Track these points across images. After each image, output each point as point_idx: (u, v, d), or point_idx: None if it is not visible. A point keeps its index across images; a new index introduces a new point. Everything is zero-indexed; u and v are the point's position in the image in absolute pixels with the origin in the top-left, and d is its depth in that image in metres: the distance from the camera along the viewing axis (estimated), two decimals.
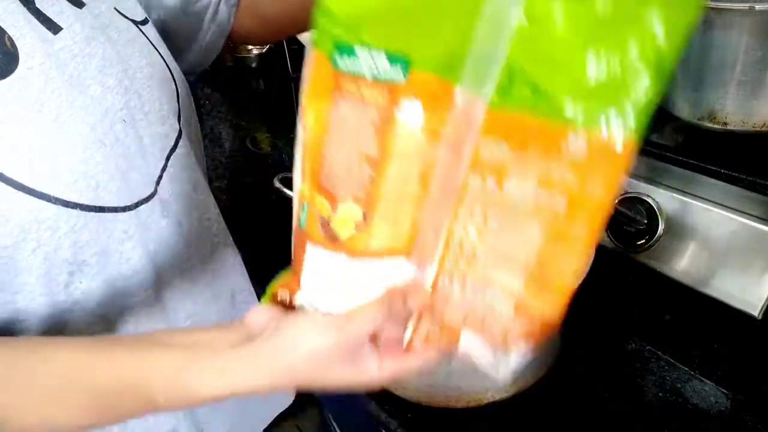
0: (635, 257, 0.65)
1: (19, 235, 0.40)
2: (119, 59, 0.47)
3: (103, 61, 0.45)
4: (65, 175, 0.41)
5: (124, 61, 0.47)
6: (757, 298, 0.57)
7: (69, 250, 0.43)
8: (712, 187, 0.62)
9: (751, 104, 0.62)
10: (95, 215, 0.44)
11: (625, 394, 0.57)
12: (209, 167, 1.12)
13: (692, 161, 0.66)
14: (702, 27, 0.62)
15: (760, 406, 0.55)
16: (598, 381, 0.58)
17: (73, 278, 0.44)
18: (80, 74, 0.43)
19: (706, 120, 0.65)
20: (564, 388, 0.58)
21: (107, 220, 0.45)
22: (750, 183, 0.61)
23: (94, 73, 0.44)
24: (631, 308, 0.67)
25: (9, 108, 0.38)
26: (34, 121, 0.39)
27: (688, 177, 0.65)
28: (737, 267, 0.58)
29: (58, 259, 0.43)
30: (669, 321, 0.65)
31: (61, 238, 0.42)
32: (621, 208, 0.64)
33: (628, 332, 0.64)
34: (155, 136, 0.50)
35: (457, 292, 0.38)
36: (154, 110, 0.50)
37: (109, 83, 0.45)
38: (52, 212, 0.41)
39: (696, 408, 0.55)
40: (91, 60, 0.44)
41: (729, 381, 0.58)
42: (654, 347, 0.62)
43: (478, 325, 0.39)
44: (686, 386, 0.57)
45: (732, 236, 0.57)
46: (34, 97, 0.39)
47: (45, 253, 0.42)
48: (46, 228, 0.41)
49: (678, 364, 0.60)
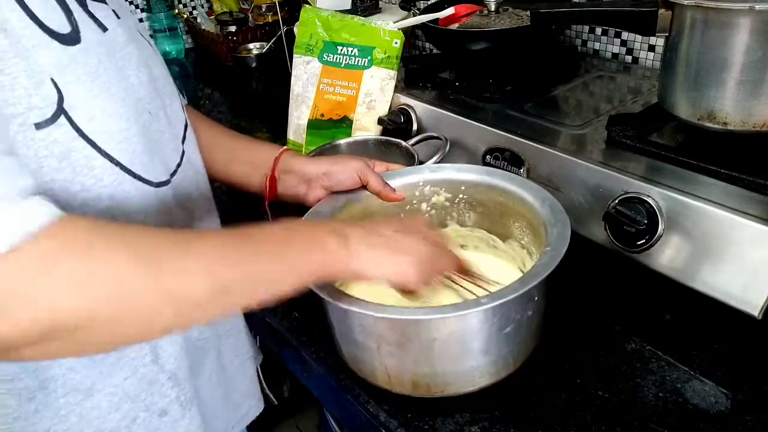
0: (635, 257, 0.65)
1: (69, 174, 0.44)
2: (147, 64, 0.54)
3: (138, 61, 0.52)
4: (113, 135, 0.47)
5: (149, 66, 0.54)
6: (757, 298, 0.57)
7: (105, 202, 0.47)
8: (712, 187, 0.62)
9: (751, 104, 0.62)
10: (130, 179, 0.49)
11: (625, 394, 0.57)
12: None
13: (692, 161, 0.66)
14: (702, 27, 0.63)
15: (760, 406, 0.55)
16: (598, 381, 0.58)
17: None
18: (124, 65, 0.50)
19: (706, 120, 0.65)
20: (564, 388, 0.58)
21: (137, 186, 0.50)
22: (750, 183, 0.61)
23: (133, 67, 0.51)
24: (631, 308, 0.67)
25: (77, 70, 0.44)
26: (93, 84, 0.45)
27: (688, 177, 0.65)
28: (737, 267, 0.58)
29: (94, 209, 0.46)
30: (669, 321, 0.65)
31: (102, 189, 0.46)
32: (621, 208, 0.64)
33: (628, 332, 0.64)
34: (172, 135, 0.56)
35: None
36: (170, 114, 0.57)
37: (143, 79, 0.52)
38: (100, 163, 0.46)
39: (696, 408, 0.55)
40: (131, 57, 0.51)
41: (729, 381, 0.58)
42: (654, 347, 0.62)
43: None
44: (686, 386, 0.57)
45: (732, 236, 0.57)
46: (93, 67, 0.45)
47: (84, 198, 0.45)
48: (93, 176, 0.46)
49: (678, 364, 0.60)
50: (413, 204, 0.72)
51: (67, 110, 0.43)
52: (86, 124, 0.44)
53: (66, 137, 0.43)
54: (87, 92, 0.44)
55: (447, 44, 1.03)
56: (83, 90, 0.44)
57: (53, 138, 0.42)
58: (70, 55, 0.43)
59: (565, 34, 1.13)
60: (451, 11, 1.02)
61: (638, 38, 1.02)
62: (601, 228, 0.67)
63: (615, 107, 0.85)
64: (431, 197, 0.72)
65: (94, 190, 0.46)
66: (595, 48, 1.09)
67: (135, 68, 0.51)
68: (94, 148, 0.45)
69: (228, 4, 1.75)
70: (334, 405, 0.67)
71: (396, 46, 0.96)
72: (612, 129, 0.73)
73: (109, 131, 0.46)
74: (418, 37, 1.42)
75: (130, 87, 0.50)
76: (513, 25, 0.96)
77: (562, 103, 0.88)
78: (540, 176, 0.74)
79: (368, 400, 0.59)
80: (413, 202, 0.72)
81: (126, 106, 0.48)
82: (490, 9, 1.00)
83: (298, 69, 1.02)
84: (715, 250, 0.59)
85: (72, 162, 0.44)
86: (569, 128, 0.78)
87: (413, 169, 0.73)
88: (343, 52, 0.99)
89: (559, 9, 0.76)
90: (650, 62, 1.01)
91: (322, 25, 0.99)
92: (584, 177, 0.69)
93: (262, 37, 1.62)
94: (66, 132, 0.43)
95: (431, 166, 0.74)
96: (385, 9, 1.32)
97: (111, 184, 0.47)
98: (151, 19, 1.68)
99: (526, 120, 0.82)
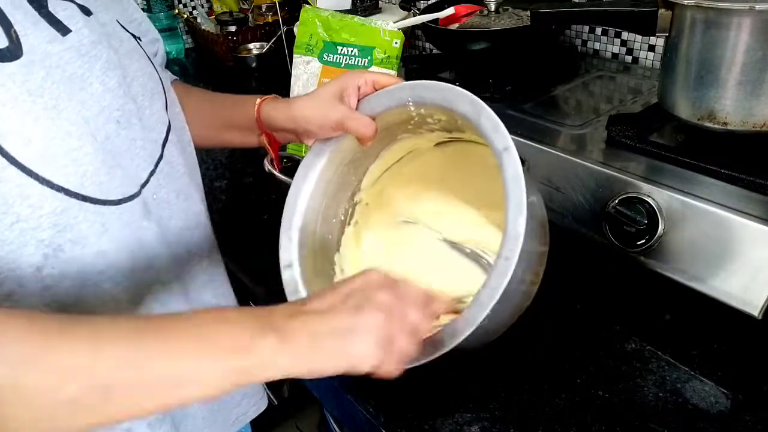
0: (635, 257, 0.65)
1: (1, 206, 0.41)
2: (120, 65, 0.50)
3: (106, 64, 0.48)
4: (56, 158, 0.43)
5: (124, 67, 0.50)
6: (757, 298, 0.57)
7: (47, 231, 0.44)
8: (712, 187, 0.62)
9: (751, 104, 0.62)
10: (77, 202, 0.45)
11: (625, 394, 0.57)
12: (209, 167, 1.13)
13: (692, 161, 0.66)
14: (702, 27, 0.63)
15: (760, 406, 0.55)
16: (598, 381, 0.58)
17: (47, 261, 0.45)
18: (84, 73, 0.46)
19: (706, 120, 0.65)
20: (564, 388, 0.58)
21: (88, 210, 0.46)
22: (750, 183, 0.61)
23: (98, 73, 0.47)
24: (631, 308, 0.67)
25: (13, 89, 0.41)
26: (34, 104, 0.42)
27: (688, 177, 0.65)
28: (737, 267, 0.58)
29: (34, 239, 0.44)
30: (669, 321, 0.65)
31: (42, 218, 0.43)
32: (621, 208, 0.64)
33: (628, 332, 0.64)
34: (146, 141, 0.53)
35: None
36: (146, 117, 0.53)
37: (110, 84, 0.48)
38: (38, 191, 0.42)
39: (696, 408, 0.55)
40: (96, 62, 0.47)
41: (729, 381, 0.58)
42: (654, 347, 0.62)
43: None
44: (686, 386, 0.57)
45: (732, 236, 0.57)
46: (37, 84, 0.42)
47: (22, 228, 0.43)
48: (29, 205, 0.42)
49: (678, 364, 0.60)
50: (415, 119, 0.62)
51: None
52: (20, 150, 0.41)
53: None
54: (26, 114, 0.41)
55: (447, 44, 1.03)
56: (21, 112, 0.41)
57: None
58: (6, 73, 0.40)
59: (565, 34, 1.13)
60: (451, 11, 1.02)
61: (638, 38, 1.02)
62: (601, 228, 0.67)
63: (615, 107, 0.85)
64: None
65: (32, 219, 0.43)
66: (595, 48, 1.09)
67: (101, 73, 0.47)
68: (30, 176, 0.42)
69: (228, 4, 1.75)
70: (334, 405, 0.67)
71: (396, 46, 0.96)
72: (612, 129, 0.73)
73: (51, 155, 0.43)
74: (418, 37, 1.42)
75: (91, 97, 0.46)
76: (513, 25, 0.96)
77: (562, 103, 0.88)
78: (540, 176, 0.74)
79: (368, 400, 0.59)
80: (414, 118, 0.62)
81: (78, 122, 0.44)
82: (490, 9, 1.00)
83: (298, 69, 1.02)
84: (715, 250, 0.59)
85: (3, 192, 0.41)
86: (569, 128, 0.78)
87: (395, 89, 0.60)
88: (343, 52, 0.98)
89: (559, 9, 0.76)
90: (650, 62, 1.01)
91: (322, 25, 0.99)
92: (584, 177, 0.69)
93: (262, 37, 1.62)
94: None
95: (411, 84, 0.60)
96: (385, 9, 1.33)
97: (53, 212, 0.44)
98: (152, 19, 1.67)
99: (526, 120, 0.82)
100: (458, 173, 0.69)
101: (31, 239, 0.43)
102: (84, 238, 0.46)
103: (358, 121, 0.59)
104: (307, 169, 0.64)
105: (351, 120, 0.59)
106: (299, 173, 0.64)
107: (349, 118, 0.59)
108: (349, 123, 0.59)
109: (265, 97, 0.65)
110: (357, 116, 0.59)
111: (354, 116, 0.59)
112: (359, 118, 0.59)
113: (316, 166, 0.64)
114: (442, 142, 0.67)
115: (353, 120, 0.59)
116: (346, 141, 0.63)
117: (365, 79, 0.60)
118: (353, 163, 0.67)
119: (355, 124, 0.59)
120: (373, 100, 0.60)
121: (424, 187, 0.71)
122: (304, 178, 0.64)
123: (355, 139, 0.61)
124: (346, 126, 0.59)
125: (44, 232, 0.44)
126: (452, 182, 0.70)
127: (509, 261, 0.46)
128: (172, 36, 1.71)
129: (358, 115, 0.59)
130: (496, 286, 0.47)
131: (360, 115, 0.59)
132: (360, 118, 0.59)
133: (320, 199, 0.65)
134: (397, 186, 0.71)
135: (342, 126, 0.59)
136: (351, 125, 0.59)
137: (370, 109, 0.60)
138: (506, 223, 0.47)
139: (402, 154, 0.70)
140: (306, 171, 0.64)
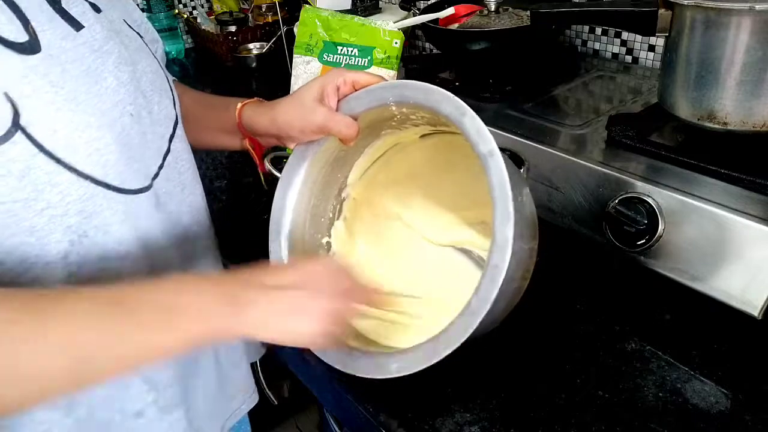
0: (635, 257, 0.65)
1: (31, 192, 0.43)
2: (131, 61, 0.51)
3: (119, 59, 0.50)
4: (80, 148, 0.45)
5: (134, 63, 0.52)
6: (757, 298, 0.57)
7: (74, 217, 0.46)
8: (712, 187, 0.62)
9: (751, 104, 0.62)
10: (102, 190, 0.47)
11: (625, 394, 0.57)
12: (209, 167, 1.13)
13: (692, 161, 0.66)
14: (702, 27, 0.63)
15: (760, 406, 0.55)
16: (598, 381, 0.58)
17: (73, 248, 0.47)
18: (98, 67, 0.47)
19: (706, 120, 0.65)
20: (564, 388, 0.58)
21: (111, 197, 0.48)
22: (750, 183, 0.61)
23: (111, 68, 0.49)
24: (631, 308, 0.67)
25: (36, 81, 0.42)
26: (56, 95, 0.43)
27: (687, 177, 0.65)
28: (737, 267, 0.58)
29: (62, 225, 0.45)
30: (669, 321, 0.65)
31: (69, 204, 0.45)
32: (621, 208, 0.64)
33: (628, 332, 0.64)
34: (155, 135, 0.54)
35: None
36: (155, 112, 0.54)
37: (123, 79, 0.50)
38: (66, 178, 0.44)
39: (696, 408, 0.55)
40: (109, 57, 0.49)
41: (729, 381, 0.58)
42: (654, 347, 0.62)
43: None
44: (686, 386, 0.57)
45: (732, 236, 0.57)
46: (56, 76, 0.43)
47: (51, 215, 0.44)
48: (58, 192, 0.44)
49: (678, 364, 0.60)
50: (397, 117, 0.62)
51: (25, 126, 0.41)
52: (48, 138, 0.42)
53: (24, 154, 0.41)
54: (49, 105, 0.42)
55: (447, 44, 1.03)
56: (44, 102, 0.42)
57: (9, 156, 0.41)
58: (28, 65, 0.41)
59: (565, 34, 1.13)
60: (451, 11, 1.02)
61: (638, 38, 1.02)
62: (601, 228, 0.67)
63: (615, 107, 0.85)
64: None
65: (61, 206, 0.45)
66: (595, 48, 1.09)
67: (114, 68, 0.49)
68: (59, 164, 0.43)
69: (228, 4, 1.75)
70: (334, 405, 0.67)
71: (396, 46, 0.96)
72: (612, 129, 0.73)
73: (75, 144, 0.44)
74: (418, 37, 1.42)
75: (106, 91, 0.47)
76: (513, 25, 0.96)
77: (562, 103, 0.88)
78: (540, 176, 0.74)
79: (368, 400, 0.59)
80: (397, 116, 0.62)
81: (97, 114, 0.46)
82: (490, 9, 1.00)
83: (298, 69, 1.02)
84: (715, 250, 0.59)
85: (33, 179, 0.42)
86: (569, 128, 0.78)
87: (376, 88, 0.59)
88: (343, 52, 0.98)
89: (559, 9, 0.76)
90: (650, 62, 1.01)
91: (322, 25, 0.99)
92: (584, 177, 0.69)
93: (262, 37, 1.62)
94: (24, 149, 0.41)
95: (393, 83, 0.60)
96: (385, 9, 1.33)
97: (80, 198, 0.45)
98: (151, 19, 1.68)
99: (526, 120, 0.82)
100: (444, 163, 0.69)
101: (59, 225, 0.45)
102: (108, 225, 0.48)
103: (339, 123, 0.59)
104: (291, 174, 0.64)
105: (332, 122, 0.59)
106: (283, 178, 0.64)
107: (331, 120, 0.59)
108: (331, 125, 0.59)
109: (246, 101, 0.66)
110: (338, 117, 0.59)
111: (335, 117, 0.59)
112: (340, 119, 0.59)
113: (300, 168, 0.64)
114: (426, 134, 0.67)
115: (334, 122, 0.59)
116: (329, 140, 0.63)
117: (344, 78, 0.59)
118: (338, 161, 0.67)
119: (336, 125, 0.59)
120: (354, 101, 0.59)
121: (411, 178, 0.71)
122: (289, 183, 0.64)
123: (338, 139, 0.61)
124: (328, 128, 0.59)
125: (71, 218, 0.46)
126: (439, 172, 0.70)
127: (499, 269, 0.46)
128: (172, 36, 1.71)
129: (339, 116, 0.59)
130: (487, 296, 0.46)
131: (341, 116, 0.59)
132: (341, 119, 0.59)
133: (307, 200, 0.66)
134: (385, 178, 0.71)
135: (324, 129, 0.59)
136: (333, 127, 0.59)
137: (350, 109, 0.59)
138: (494, 230, 0.47)
139: (387, 148, 0.70)
140: (290, 175, 0.64)
